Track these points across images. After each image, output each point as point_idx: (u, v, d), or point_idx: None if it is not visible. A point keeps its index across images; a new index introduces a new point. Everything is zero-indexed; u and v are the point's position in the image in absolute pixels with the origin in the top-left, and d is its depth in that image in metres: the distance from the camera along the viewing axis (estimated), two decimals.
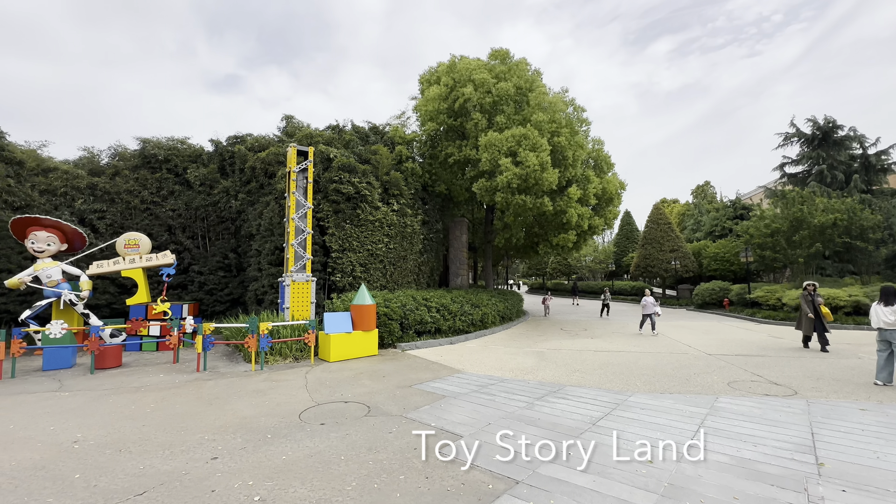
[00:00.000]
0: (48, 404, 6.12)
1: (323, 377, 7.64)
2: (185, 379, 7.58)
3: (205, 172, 14.34)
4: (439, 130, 14.79)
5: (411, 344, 10.60)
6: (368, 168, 12.99)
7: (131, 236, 10.93)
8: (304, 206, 10.53)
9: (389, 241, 12.89)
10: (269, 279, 11.59)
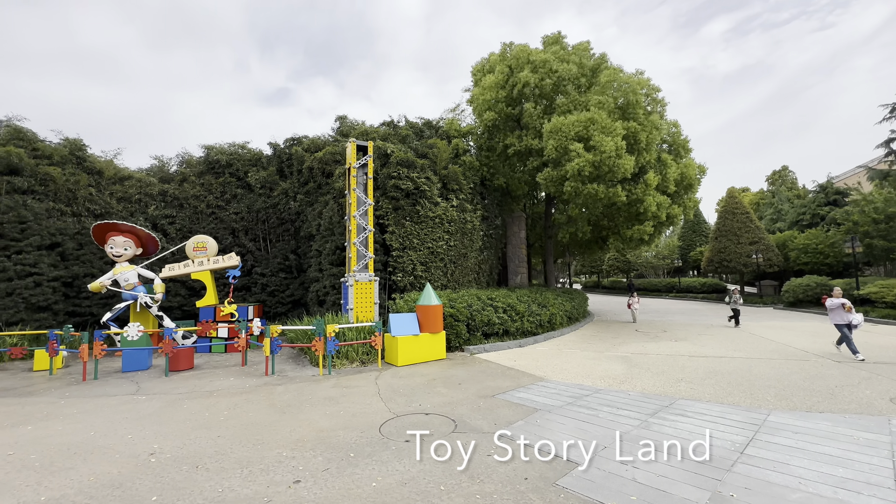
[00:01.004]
0: (126, 409, 6.00)
1: (394, 384, 7.09)
2: (255, 384, 7.32)
3: (264, 175, 14.47)
4: (496, 120, 13.94)
5: (479, 347, 9.87)
6: (426, 163, 12.43)
7: (199, 239, 11.06)
8: (365, 202, 10.13)
9: (450, 238, 12.25)
10: (331, 280, 11.33)
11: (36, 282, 10.58)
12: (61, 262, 11.27)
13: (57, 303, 10.95)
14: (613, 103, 12.72)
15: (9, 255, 10.46)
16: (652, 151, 13.06)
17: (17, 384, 7.74)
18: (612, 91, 13.06)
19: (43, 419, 5.63)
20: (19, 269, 10.39)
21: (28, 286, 10.42)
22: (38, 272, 10.65)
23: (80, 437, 4.87)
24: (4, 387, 7.56)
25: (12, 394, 7.07)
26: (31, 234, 10.73)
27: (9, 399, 6.74)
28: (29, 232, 10.72)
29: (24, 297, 10.34)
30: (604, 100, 12.17)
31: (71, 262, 11.45)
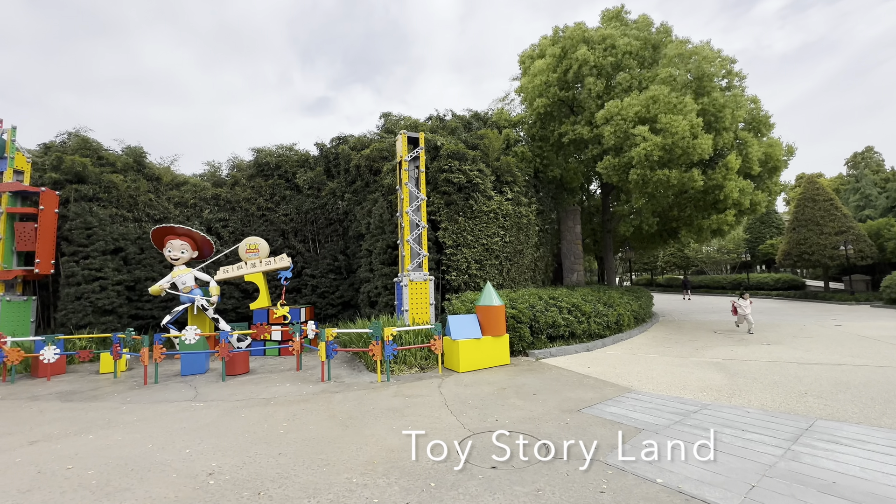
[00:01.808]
0: (184, 417, 5.70)
1: (460, 393, 6.40)
2: (312, 391, 6.88)
3: (312, 176, 14.32)
4: (549, 107, 12.97)
5: (544, 351, 9.00)
6: (478, 154, 11.71)
7: (251, 241, 10.95)
8: (418, 197, 9.55)
9: (505, 234, 11.45)
10: (383, 280, 10.86)
11: (101, 286, 10.87)
12: (124, 267, 11.55)
13: (121, 306, 11.22)
14: (684, 77, 11.41)
15: (77, 261, 10.80)
16: (731, 130, 11.61)
17: (85, 387, 7.78)
18: (681, 65, 11.73)
19: (104, 427, 5.42)
20: (86, 273, 10.70)
21: (94, 290, 10.70)
22: (103, 276, 10.94)
23: (138, 451, 4.54)
24: (73, 389, 7.60)
25: (79, 397, 7.05)
26: (97, 239, 11.04)
27: (75, 403, 6.69)
28: (94, 237, 11.03)
29: (91, 301, 10.62)
30: (674, 73, 10.90)
31: (133, 267, 11.72)
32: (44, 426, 5.58)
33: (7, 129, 10.22)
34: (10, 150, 10.17)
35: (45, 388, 7.73)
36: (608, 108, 11.42)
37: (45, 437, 5.13)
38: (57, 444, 4.84)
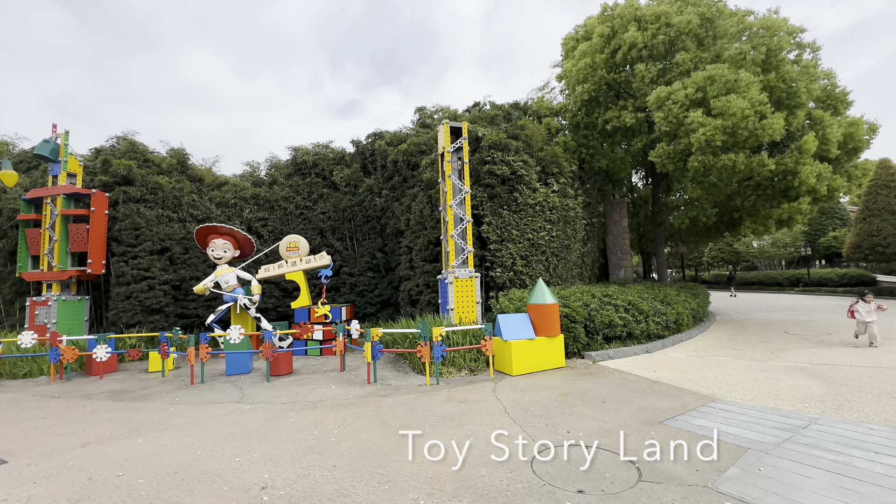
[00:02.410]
0: (232, 420, 5.47)
1: (519, 399, 5.88)
2: (359, 393, 6.54)
3: (349, 173, 14.14)
4: (594, 93, 12.16)
5: (601, 353, 8.32)
6: (520, 145, 11.11)
7: (291, 239, 10.82)
8: (462, 190, 9.07)
9: (552, 228, 10.79)
10: (424, 277, 10.46)
11: (149, 285, 11.04)
12: (170, 266, 11.72)
13: (167, 305, 11.38)
14: (748, 52, 10.35)
15: (126, 261, 11.02)
16: (804, 107, 10.46)
17: (135, 386, 7.79)
18: (746, 40, 10.67)
19: (153, 429, 5.26)
20: (135, 273, 10.89)
21: (143, 290, 10.88)
22: (150, 276, 11.12)
23: (187, 458, 4.30)
24: (124, 388, 7.62)
25: (129, 397, 7.02)
26: (144, 239, 11.24)
27: (126, 403, 6.65)
28: (142, 238, 11.23)
29: (140, 300, 10.81)
30: (743, 48, 9.89)
31: (178, 266, 11.87)
32: (96, 427, 5.49)
33: (60, 133, 10.51)
34: (63, 153, 10.45)
35: (98, 387, 7.80)
36: (657, 92, 10.53)
37: (96, 439, 5.01)
38: (108, 448, 4.69)
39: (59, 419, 5.90)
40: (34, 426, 5.65)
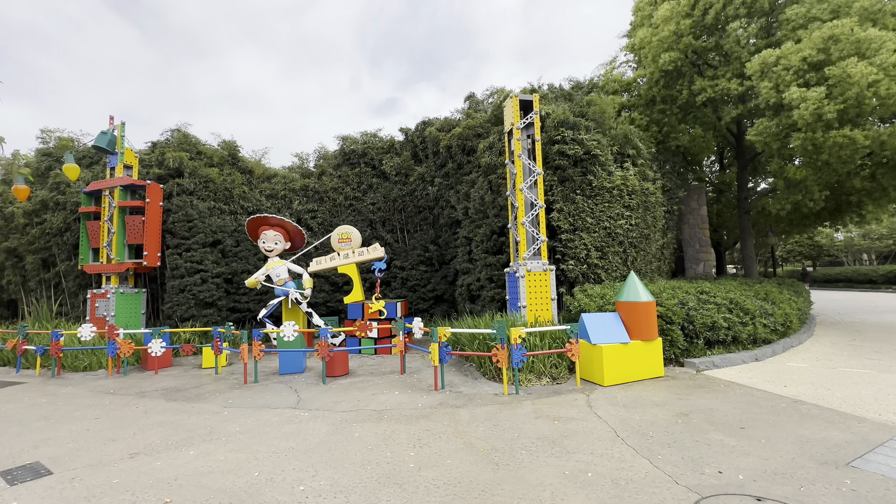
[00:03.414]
0: (290, 431, 4.77)
1: (626, 418, 4.79)
2: (428, 403, 5.69)
3: (399, 161, 13.40)
4: (678, 62, 10.63)
5: (705, 360, 7.01)
6: (590, 123, 9.87)
7: (344, 230, 10.20)
8: (534, 171, 8.01)
9: (631, 216, 9.48)
10: (486, 271, 9.50)
11: (202, 278, 10.83)
12: (222, 259, 11.48)
13: (220, 299, 11.14)
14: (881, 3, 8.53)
15: (180, 253, 10.86)
16: None
17: (188, 383, 7.40)
18: None
19: (206, 438, 4.66)
20: (188, 266, 10.70)
21: (196, 283, 10.68)
22: (203, 269, 10.90)
23: (243, 481, 3.59)
24: (177, 386, 7.23)
25: (182, 396, 6.58)
26: (197, 231, 11.04)
27: (178, 403, 6.19)
28: (195, 230, 11.03)
29: (194, 294, 10.60)
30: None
31: (230, 259, 11.63)
32: (147, 432, 4.98)
33: (117, 125, 10.44)
34: (120, 145, 10.38)
35: (152, 383, 7.47)
36: (763, 56, 8.91)
37: (146, 449, 4.46)
38: (157, 462, 4.09)
39: (111, 420, 5.48)
40: (86, 427, 5.24)
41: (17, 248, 12.31)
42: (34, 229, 11.93)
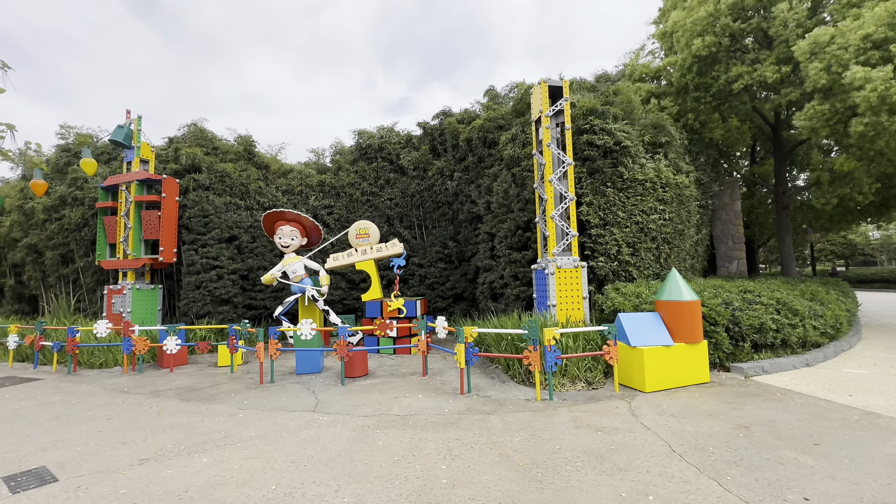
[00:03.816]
0: (309, 438, 4.43)
1: (679, 430, 4.31)
2: (455, 408, 5.29)
3: (417, 156, 13.03)
4: (715, 47, 9.99)
5: (752, 365, 6.46)
6: (618, 111, 9.33)
7: (361, 225, 9.87)
8: (564, 161, 7.52)
9: (665, 210, 8.92)
10: (511, 268, 9.05)
11: (218, 275, 10.64)
12: (238, 255, 11.28)
13: (236, 296, 10.94)
14: None
15: (196, 249, 10.68)
16: None
17: (203, 382, 7.15)
18: None
19: (220, 444, 4.34)
20: (204, 262, 10.52)
21: (212, 279, 10.49)
22: (219, 265, 10.71)
23: (259, 495, 3.25)
24: (192, 385, 6.98)
25: (197, 396, 6.32)
26: (213, 227, 10.85)
27: (192, 404, 5.92)
28: (211, 225, 10.85)
29: (209, 290, 10.41)
30: None
31: (246, 255, 11.42)
32: (159, 435, 4.70)
33: (133, 119, 10.30)
34: (136, 139, 10.23)
35: (167, 382, 7.25)
36: (815, 36, 8.25)
37: (157, 454, 4.16)
38: (167, 470, 3.79)
39: (123, 422, 5.23)
40: (97, 429, 5.00)
41: (36, 244, 12.33)
42: (53, 225, 11.92)
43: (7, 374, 8.42)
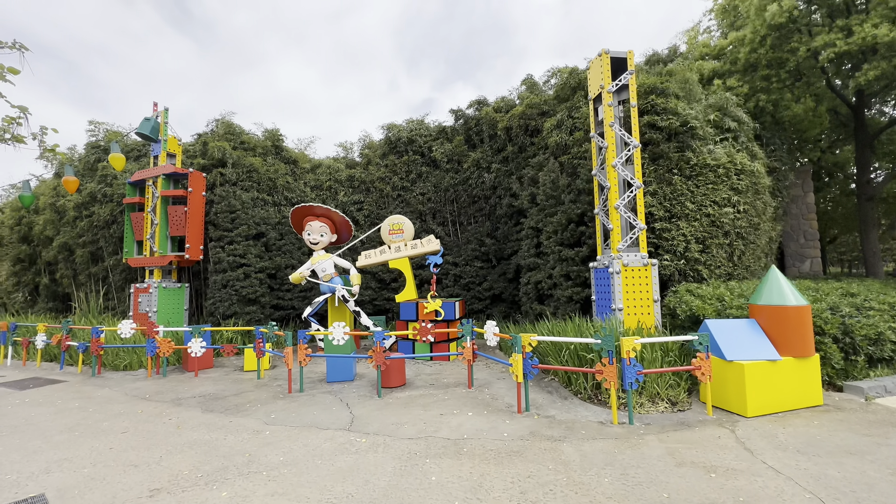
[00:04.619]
0: (345, 466, 3.69)
1: (820, 473, 3.32)
2: (514, 430, 4.44)
3: (450, 148, 12.24)
4: (796, 13, 8.73)
5: (872, 384, 5.32)
6: (678, 92, 8.27)
7: (395, 220, 9.15)
8: (630, 143, 6.55)
9: (739, 201, 7.79)
10: (562, 266, 8.11)
11: (245, 273, 10.16)
12: (265, 253, 10.79)
13: (263, 295, 10.44)
14: None
15: (222, 246, 10.24)
16: None
17: (228, 389, 6.57)
18: None
19: (242, 472, 3.66)
20: (231, 260, 10.06)
21: (239, 277, 10.02)
22: (246, 263, 10.23)
23: None
24: (216, 393, 6.41)
25: (220, 406, 5.72)
26: (240, 223, 10.39)
27: (215, 416, 5.31)
28: (238, 221, 10.39)
29: (237, 290, 9.94)
30: None
31: (274, 253, 10.92)
32: (175, 456, 4.07)
33: (160, 111, 9.94)
34: (163, 132, 9.86)
35: (191, 388, 6.71)
36: None
37: (170, 482, 3.52)
38: None
39: (138, 437, 4.65)
40: (109, 445, 4.42)
41: (67, 241, 12.23)
42: (82, 222, 11.77)
43: (33, 375, 8.14)
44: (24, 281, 13.81)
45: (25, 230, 13.47)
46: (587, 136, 8.25)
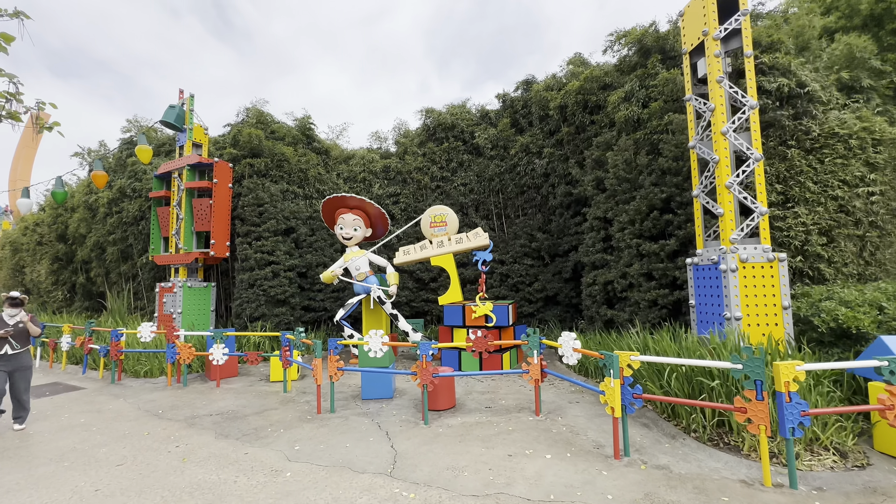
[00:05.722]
0: None
1: None
2: (621, 491, 3.18)
3: (495, 133, 11.00)
4: None
5: None
6: (790, 46, 6.66)
7: (437, 211, 8.05)
8: (747, 103, 5.09)
9: (877, 180, 6.12)
10: (641, 263, 6.71)
11: (274, 272, 9.35)
12: (295, 250, 9.97)
13: (293, 296, 9.61)
14: None
15: (250, 242, 9.48)
16: None
17: (250, 405, 5.67)
18: None
19: None
20: (259, 256, 9.28)
21: (267, 276, 9.22)
22: (275, 261, 9.43)
23: None
24: (236, 409, 5.52)
25: (238, 429, 4.78)
26: (269, 217, 9.61)
27: (229, 443, 4.37)
28: (266, 215, 9.62)
29: (264, 290, 9.15)
30: None
31: (304, 250, 10.09)
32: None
33: (186, 98, 9.29)
34: (189, 120, 9.21)
35: (209, 402, 5.86)
36: None
37: None
38: None
39: (134, 472, 3.75)
40: (95, 486, 3.54)
41: (99, 239, 11.94)
42: (112, 218, 11.40)
43: (55, 380, 7.62)
44: (62, 279, 13.76)
45: (62, 228, 13.38)
46: (669, 106, 6.81)
